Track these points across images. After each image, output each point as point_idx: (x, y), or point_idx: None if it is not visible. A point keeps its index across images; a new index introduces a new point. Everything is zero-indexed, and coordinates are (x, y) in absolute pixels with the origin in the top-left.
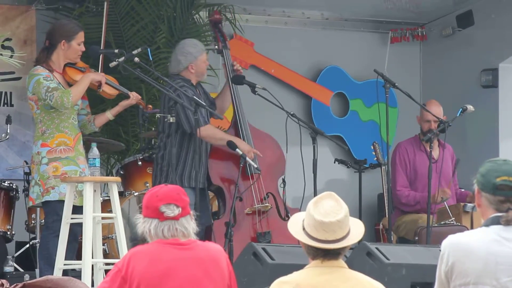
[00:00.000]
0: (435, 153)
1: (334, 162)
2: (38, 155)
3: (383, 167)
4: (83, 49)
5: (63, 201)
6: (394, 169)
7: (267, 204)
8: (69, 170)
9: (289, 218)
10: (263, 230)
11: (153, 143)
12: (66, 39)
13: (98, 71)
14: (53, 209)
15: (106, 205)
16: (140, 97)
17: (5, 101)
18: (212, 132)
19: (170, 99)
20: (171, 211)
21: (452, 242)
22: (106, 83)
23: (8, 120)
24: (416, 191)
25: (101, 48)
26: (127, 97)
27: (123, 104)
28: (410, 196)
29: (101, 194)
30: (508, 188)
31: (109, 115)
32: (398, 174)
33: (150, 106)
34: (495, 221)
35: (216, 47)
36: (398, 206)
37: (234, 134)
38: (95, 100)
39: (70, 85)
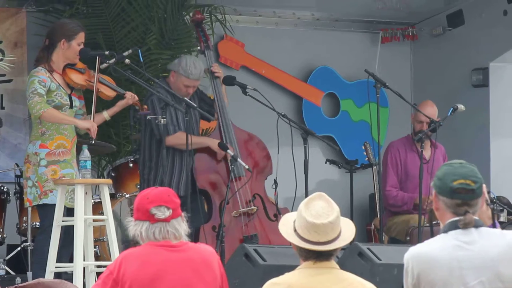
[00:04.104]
0: (427, 153)
1: (326, 163)
2: (36, 156)
3: (374, 167)
4: None
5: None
6: (385, 169)
7: (253, 207)
8: (67, 173)
9: (277, 219)
10: (250, 233)
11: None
12: (67, 38)
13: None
14: (51, 212)
15: (97, 207)
16: (137, 97)
17: None
18: (180, 141)
19: (161, 100)
20: (162, 213)
21: (414, 254)
22: (103, 83)
23: None
24: (407, 191)
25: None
26: (123, 97)
27: (120, 104)
28: (398, 196)
29: (92, 196)
30: (465, 191)
31: (106, 115)
32: (389, 174)
33: (145, 106)
34: (453, 226)
35: (199, 48)
36: (386, 207)
37: (219, 135)
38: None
39: (69, 86)
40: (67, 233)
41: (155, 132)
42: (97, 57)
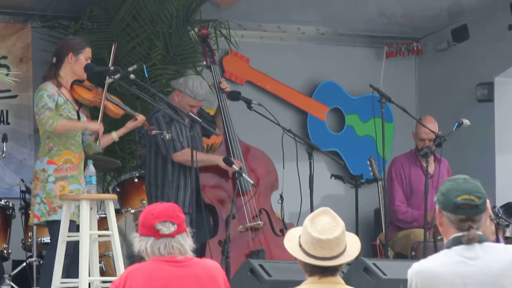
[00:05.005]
0: (431, 168)
1: (331, 178)
2: (44, 172)
3: (379, 182)
4: None
5: (71, 220)
6: (390, 185)
7: (259, 222)
8: (74, 189)
9: (283, 234)
10: (256, 247)
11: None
12: (74, 52)
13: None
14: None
15: (102, 223)
16: (144, 118)
17: (1, 119)
18: (188, 157)
19: (166, 115)
20: (167, 228)
21: (417, 271)
22: (110, 101)
23: (4, 138)
24: (412, 207)
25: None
26: (131, 117)
27: (129, 126)
28: (408, 213)
29: (97, 212)
30: (469, 207)
31: (115, 135)
32: (395, 189)
33: (153, 128)
34: (456, 242)
35: (205, 62)
36: (394, 222)
37: (225, 150)
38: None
39: (77, 102)
40: (77, 249)
41: (161, 149)
42: (106, 74)
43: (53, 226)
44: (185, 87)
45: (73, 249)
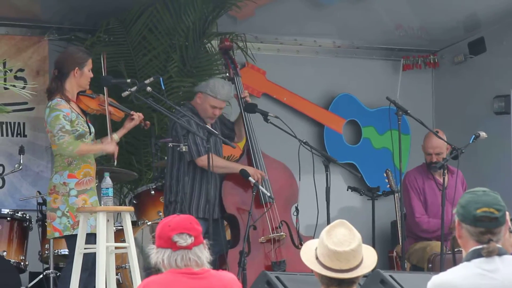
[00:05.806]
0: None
1: (347, 190)
2: (65, 186)
3: (396, 195)
4: (92, 75)
5: (92, 234)
6: (408, 197)
7: (282, 233)
8: (94, 201)
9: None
10: (278, 259)
11: (165, 172)
12: (79, 66)
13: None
14: None
15: (119, 235)
16: (142, 116)
17: (18, 132)
18: (213, 162)
19: (183, 127)
20: (184, 240)
21: (437, 283)
22: (113, 106)
23: (21, 151)
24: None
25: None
26: (128, 116)
27: (129, 125)
28: (430, 222)
29: (114, 224)
30: (489, 220)
31: (115, 137)
32: (414, 201)
33: (148, 122)
34: (476, 255)
35: (227, 74)
36: (418, 234)
37: (247, 162)
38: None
39: (84, 112)
40: (91, 260)
41: (185, 156)
42: (123, 87)
43: (74, 240)
44: (207, 88)
45: (91, 262)
